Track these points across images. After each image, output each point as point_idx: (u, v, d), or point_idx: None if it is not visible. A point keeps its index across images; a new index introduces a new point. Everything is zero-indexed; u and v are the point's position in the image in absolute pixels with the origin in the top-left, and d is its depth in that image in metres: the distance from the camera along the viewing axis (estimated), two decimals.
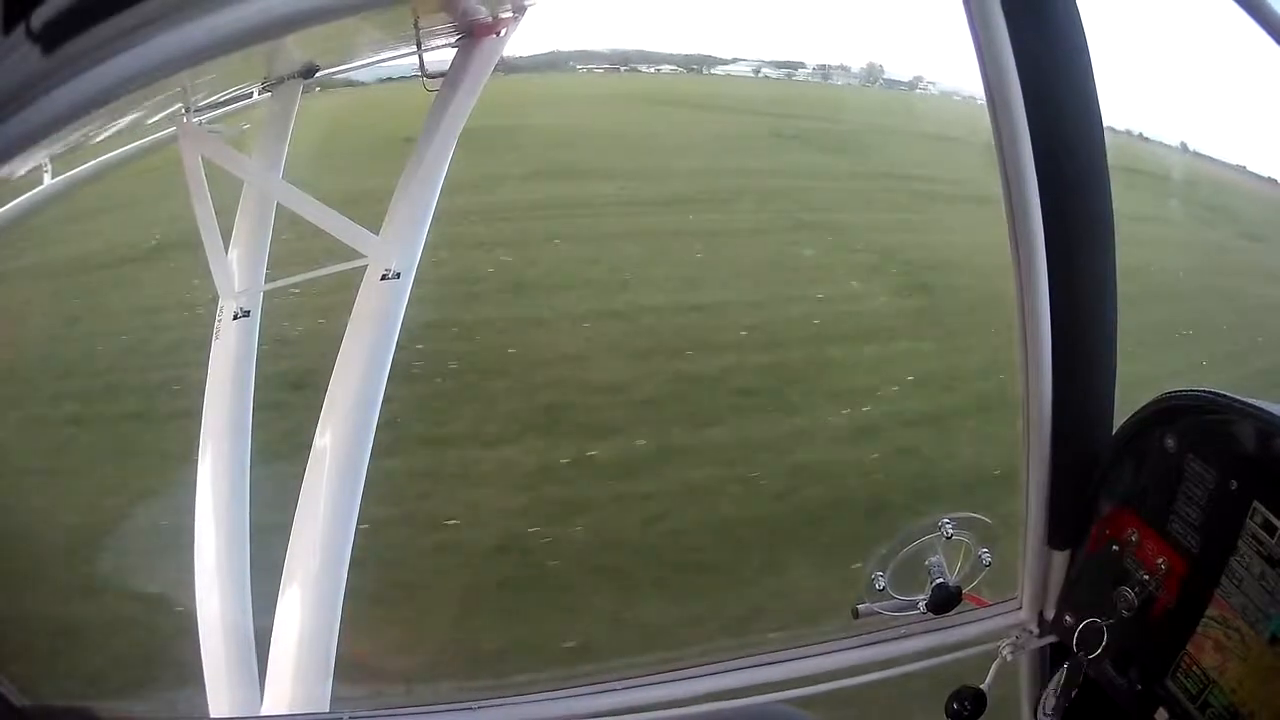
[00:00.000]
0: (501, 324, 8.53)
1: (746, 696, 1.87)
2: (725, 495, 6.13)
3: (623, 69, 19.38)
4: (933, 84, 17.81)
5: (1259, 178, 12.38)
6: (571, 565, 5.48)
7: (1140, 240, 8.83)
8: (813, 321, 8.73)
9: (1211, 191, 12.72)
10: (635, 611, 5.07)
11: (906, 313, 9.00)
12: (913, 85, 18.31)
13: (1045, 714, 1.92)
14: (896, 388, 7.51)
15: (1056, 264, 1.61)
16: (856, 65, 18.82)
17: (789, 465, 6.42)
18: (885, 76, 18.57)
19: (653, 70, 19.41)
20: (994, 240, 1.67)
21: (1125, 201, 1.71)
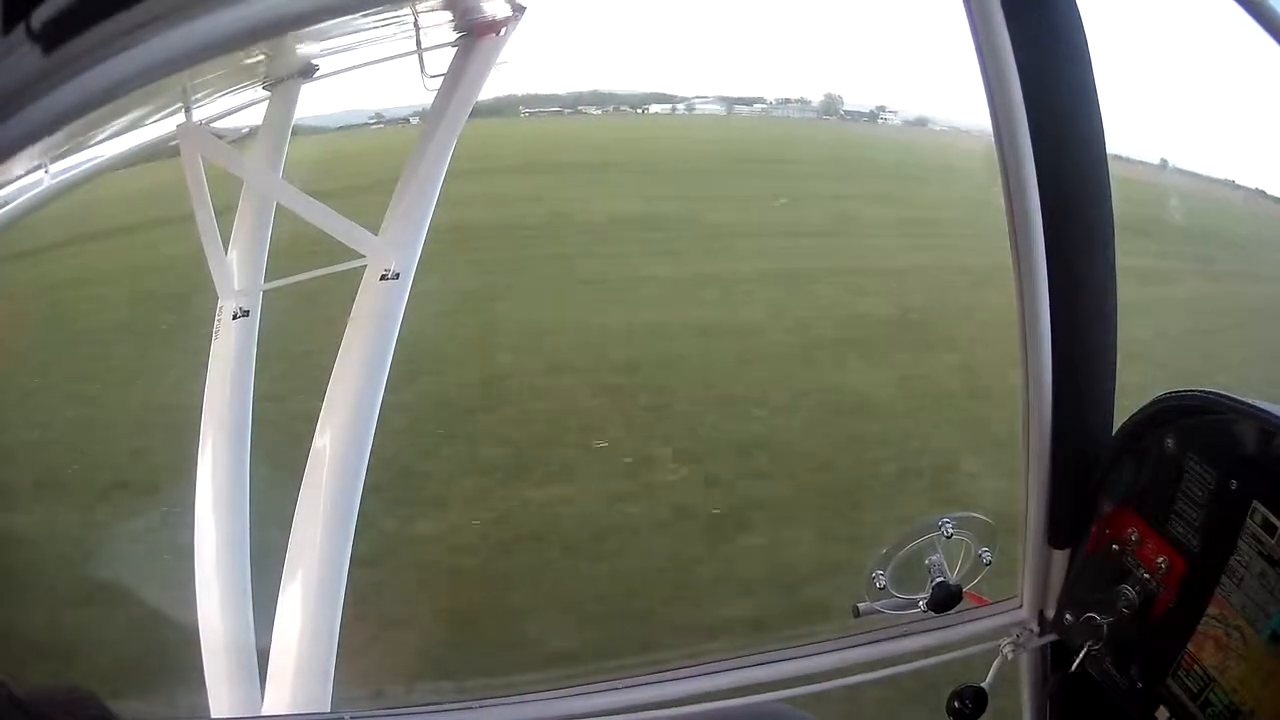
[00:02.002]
0: None
1: (746, 695, 1.87)
2: None
3: (567, 112, 18.94)
4: (894, 113, 17.59)
5: (1247, 190, 11.97)
6: None
7: None
8: None
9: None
10: None
11: None
12: (874, 116, 17.99)
13: (1046, 711, 1.92)
14: None
15: (1056, 264, 1.61)
16: (815, 98, 18.41)
17: None
18: (845, 108, 18.23)
19: (599, 112, 18.86)
20: None
21: None
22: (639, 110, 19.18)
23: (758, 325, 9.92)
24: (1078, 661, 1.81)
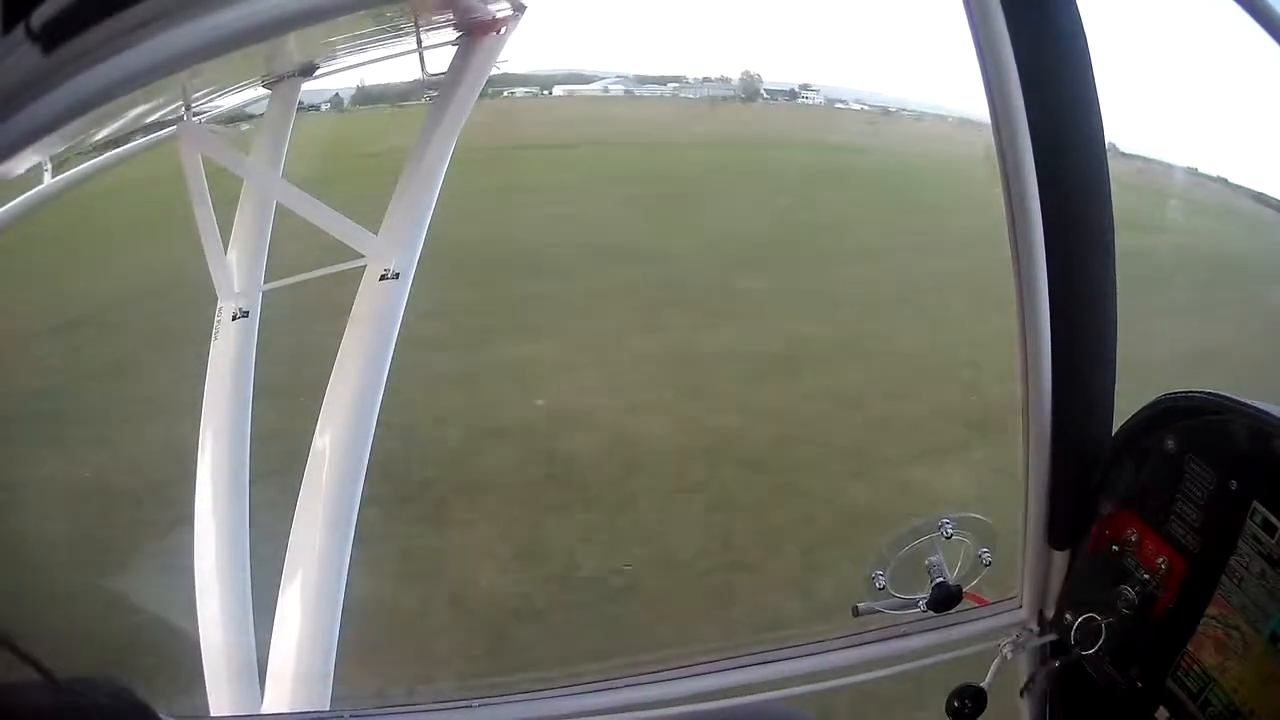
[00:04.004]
0: None
1: (746, 695, 1.87)
2: None
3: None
4: (816, 91, 16.91)
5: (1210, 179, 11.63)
6: None
7: None
8: None
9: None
10: None
11: None
12: (794, 94, 17.18)
13: (1045, 711, 1.93)
14: None
15: (1056, 264, 1.61)
16: (736, 76, 16.94)
17: None
18: (765, 87, 17.27)
19: (506, 94, 16.37)
20: None
21: None
22: (545, 91, 17.75)
23: None
24: (1077, 661, 1.81)
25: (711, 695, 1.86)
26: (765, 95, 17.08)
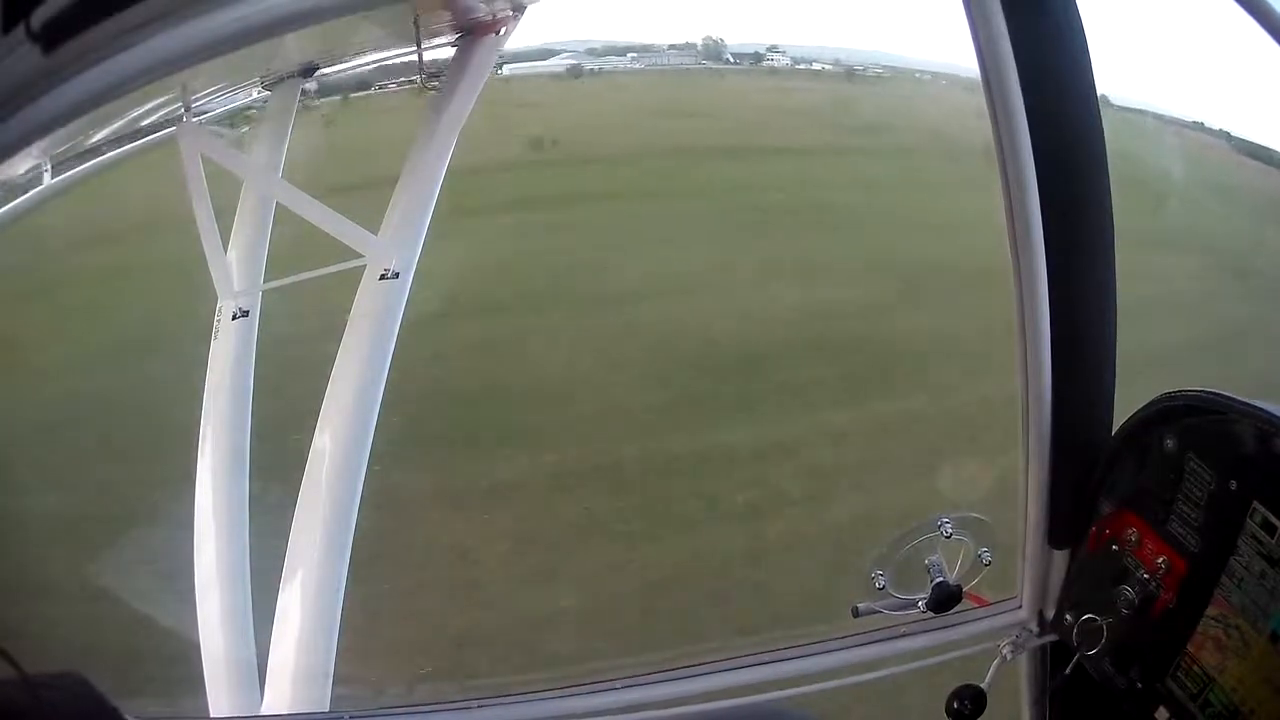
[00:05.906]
0: None
1: (746, 695, 1.87)
2: None
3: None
4: (782, 53, 16.21)
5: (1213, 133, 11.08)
6: None
7: None
8: None
9: None
10: None
11: None
12: (759, 58, 15.69)
13: (1045, 711, 1.92)
14: None
15: (1057, 264, 1.61)
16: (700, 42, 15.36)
17: None
18: (730, 51, 15.62)
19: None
20: None
21: None
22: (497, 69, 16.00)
23: None
24: (1077, 662, 1.81)
25: (712, 695, 1.86)
26: (731, 60, 16.47)
